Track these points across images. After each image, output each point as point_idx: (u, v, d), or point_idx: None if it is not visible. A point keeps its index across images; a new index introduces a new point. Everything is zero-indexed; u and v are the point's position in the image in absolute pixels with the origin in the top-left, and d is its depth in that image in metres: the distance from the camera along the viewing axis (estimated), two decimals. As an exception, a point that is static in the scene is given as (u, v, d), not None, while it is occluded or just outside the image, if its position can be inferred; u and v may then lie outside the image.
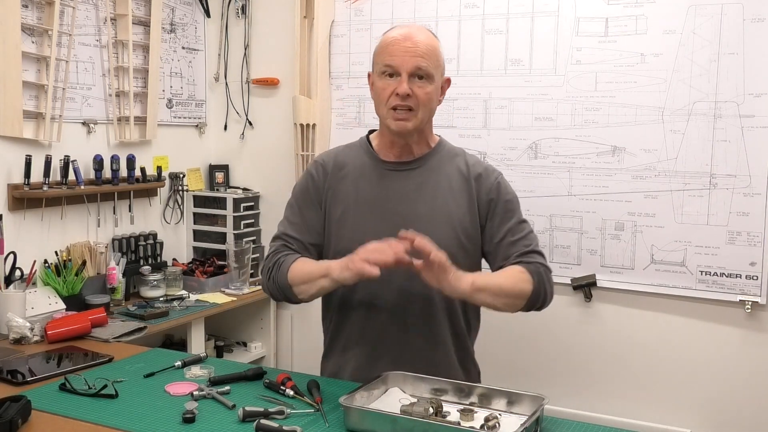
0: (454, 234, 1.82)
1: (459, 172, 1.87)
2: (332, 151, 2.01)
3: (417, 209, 1.83)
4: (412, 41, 1.77)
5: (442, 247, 1.76)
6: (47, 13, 2.72)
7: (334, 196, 1.89)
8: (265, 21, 3.47)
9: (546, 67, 2.85)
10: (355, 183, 1.88)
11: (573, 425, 1.62)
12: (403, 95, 1.75)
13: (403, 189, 1.85)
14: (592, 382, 2.90)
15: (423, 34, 1.81)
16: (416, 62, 1.76)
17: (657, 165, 2.70)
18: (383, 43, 1.81)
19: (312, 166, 1.96)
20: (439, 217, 1.82)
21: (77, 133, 2.90)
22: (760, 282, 2.59)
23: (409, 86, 1.75)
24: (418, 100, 1.77)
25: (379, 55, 1.81)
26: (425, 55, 1.77)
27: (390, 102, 1.78)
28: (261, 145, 3.53)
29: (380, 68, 1.79)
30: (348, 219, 1.86)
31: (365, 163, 1.90)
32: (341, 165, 1.91)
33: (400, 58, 1.76)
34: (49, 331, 2.23)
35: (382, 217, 1.83)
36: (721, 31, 2.57)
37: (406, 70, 1.75)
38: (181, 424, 1.58)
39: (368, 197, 1.86)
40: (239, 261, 3.21)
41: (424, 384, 1.69)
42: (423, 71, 1.77)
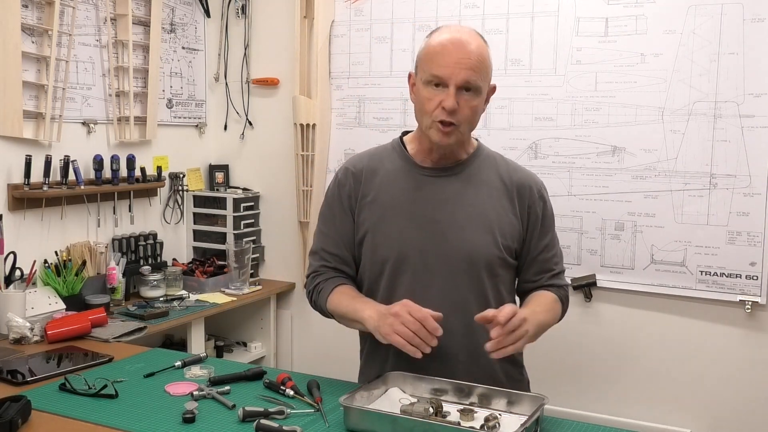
0: (493, 242, 1.75)
1: (499, 179, 1.81)
2: (363, 155, 1.90)
3: (456, 217, 1.76)
4: (463, 51, 1.66)
5: (483, 259, 1.75)
6: (47, 13, 2.72)
7: (368, 203, 1.81)
8: (265, 21, 3.47)
9: (546, 67, 2.85)
10: (391, 189, 1.80)
11: (573, 425, 1.62)
12: (450, 111, 1.66)
13: (441, 195, 1.77)
14: (592, 382, 2.90)
15: (474, 41, 1.70)
16: (466, 75, 1.66)
17: (657, 165, 2.70)
18: (432, 49, 1.70)
19: (341, 172, 1.88)
20: (480, 226, 1.75)
21: (77, 133, 2.90)
22: (760, 282, 2.59)
23: (457, 100, 1.66)
24: (463, 116, 1.69)
25: (427, 62, 1.69)
26: (476, 67, 1.67)
27: (435, 114, 1.68)
28: (261, 145, 3.53)
29: (427, 77, 1.69)
30: (384, 227, 1.78)
31: (400, 168, 1.81)
32: (374, 170, 1.83)
33: (450, 70, 1.65)
34: (49, 331, 2.23)
35: (420, 225, 1.76)
36: (721, 31, 2.57)
37: (455, 83, 1.66)
38: (181, 424, 1.58)
39: (405, 204, 1.78)
40: (239, 261, 3.21)
41: (424, 384, 1.69)
42: (472, 84, 1.68)
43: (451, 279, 1.75)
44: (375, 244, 1.79)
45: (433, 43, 1.71)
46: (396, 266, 1.77)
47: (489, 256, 1.74)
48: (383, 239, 1.78)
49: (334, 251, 1.85)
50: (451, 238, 1.75)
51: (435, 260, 1.75)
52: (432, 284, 1.74)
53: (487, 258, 1.74)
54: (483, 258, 1.74)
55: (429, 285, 1.74)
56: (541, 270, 1.83)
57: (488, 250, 1.75)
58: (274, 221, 3.51)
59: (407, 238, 1.75)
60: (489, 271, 1.76)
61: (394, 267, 1.77)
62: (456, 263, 1.74)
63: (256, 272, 3.44)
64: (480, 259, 1.74)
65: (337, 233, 1.85)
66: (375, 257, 1.80)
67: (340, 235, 1.84)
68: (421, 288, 1.73)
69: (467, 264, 1.74)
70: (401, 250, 1.75)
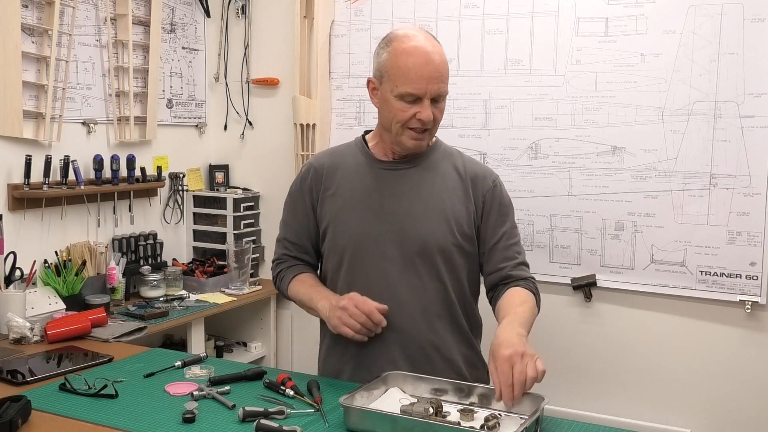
0: (450, 232, 1.83)
1: (455, 171, 1.89)
2: (326, 151, 2.05)
3: (412, 208, 1.84)
4: (433, 65, 1.74)
5: (438, 246, 1.82)
6: (47, 13, 2.72)
7: (331, 196, 1.91)
8: (265, 21, 3.47)
9: (546, 67, 2.85)
10: (350, 182, 1.90)
11: (573, 425, 1.62)
12: (428, 121, 1.76)
13: (398, 188, 1.86)
14: (592, 382, 2.90)
15: (437, 52, 1.77)
16: (439, 89, 1.76)
17: (657, 165, 2.70)
18: (401, 65, 1.75)
19: (304, 168, 2.00)
20: (435, 216, 1.83)
21: (77, 133, 2.90)
22: (760, 282, 2.59)
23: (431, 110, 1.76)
24: (435, 120, 1.80)
25: (397, 78, 1.75)
26: (445, 77, 1.77)
27: (410, 123, 1.77)
28: (261, 145, 3.53)
29: (399, 92, 1.75)
30: (343, 218, 1.88)
31: (360, 163, 1.91)
32: (335, 166, 1.93)
33: (424, 87, 1.74)
34: (49, 331, 2.23)
35: (377, 216, 1.85)
36: (721, 31, 2.57)
37: (429, 96, 1.75)
38: (181, 424, 1.58)
39: (363, 196, 1.87)
40: (239, 261, 3.21)
41: (424, 384, 1.70)
42: (444, 93, 1.78)
43: (408, 266, 1.83)
44: (335, 234, 1.89)
45: (400, 58, 1.76)
46: (354, 255, 1.86)
47: (443, 243, 1.83)
48: (342, 230, 1.88)
49: (294, 241, 1.99)
50: (407, 227, 1.83)
51: (392, 249, 1.83)
52: (390, 272, 1.83)
53: (441, 245, 1.82)
54: (437, 245, 1.82)
55: (387, 273, 1.83)
56: (504, 258, 1.87)
57: (443, 237, 1.82)
58: (274, 221, 3.47)
59: (365, 228, 1.85)
60: (444, 257, 1.84)
61: (353, 256, 1.86)
62: (412, 251, 1.82)
63: (256, 272, 3.44)
64: (434, 246, 1.82)
65: (298, 224, 1.98)
66: (335, 247, 1.89)
67: (301, 225, 1.97)
68: (380, 276, 1.83)
69: (422, 251, 1.82)
70: (359, 240, 1.85)
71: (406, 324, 1.83)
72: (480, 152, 2.96)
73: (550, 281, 2.90)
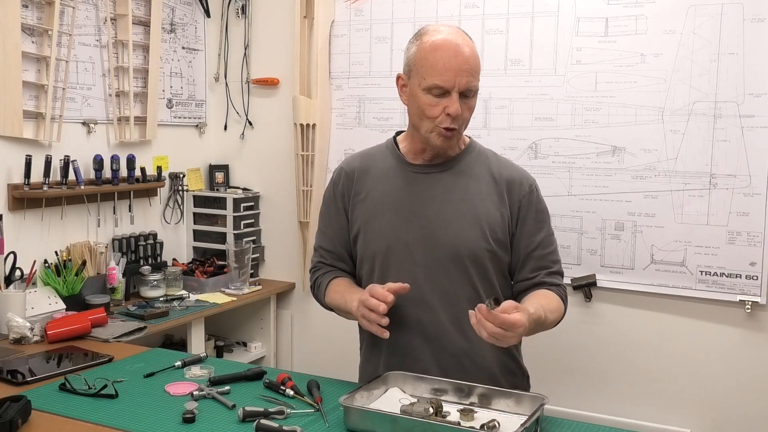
0: (482, 237, 1.77)
1: (490, 175, 1.83)
2: (357, 155, 1.97)
3: (444, 212, 1.79)
4: (462, 57, 1.68)
5: (470, 251, 1.77)
6: (47, 13, 2.72)
7: (362, 201, 1.86)
8: (265, 21, 3.47)
9: (546, 67, 2.85)
10: (381, 186, 1.85)
11: (573, 425, 1.62)
12: (455, 116, 1.69)
13: (430, 192, 1.81)
14: (592, 382, 2.90)
15: (467, 45, 1.71)
16: (468, 82, 1.69)
17: (657, 165, 2.70)
18: (429, 57, 1.70)
19: (336, 172, 1.95)
20: (467, 220, 1.78)
21: (77, 133, 2.90)
22: (760, 282, 2.59)
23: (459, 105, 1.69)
24: (464, 117, 1.73)
25: (425, 70, 1.70)
26: (475, 71, 1.71)
27: (439, 120, 1.71)
28: (261, 145, 3.53)
29: (427, 84, 1.69)
30: (375, 223, 1.83)
31: (391, 166, 1.86)
32: (367, 169, 1.88)
33: (452, 79, 1.67)
34: (49, 331, 2.23)
35: (408, 220, 1.80)
36: (721, 31, 2.57)
37: (458, 89, 1.68)
38: (181, 424, 1.58)
39: (395, 201, 1.82)
40: (239, 261, 3.21)
41: (424, 384, 1.69)
42: (474, 88, 1.72)
43: (439, 272, 1.78)
44: (366, 239, 1.85)
45: (428, 50, 1.71)
46: (385, 260, 1.82)
47: (476, 249, 1.77)
48: (373, 235, 1.84)
49: (330, 248, 1.94)
50: (438, 233, 1.78)
51: (422, 254, 1.79)
52: (420, 277, 1.78)
53: (473, 250, 1.77)
54: (469, 250, 1.77)
55: (417, 278, 1.78)
56: (538, 267, 1.83)
57: (475, 243, 1.77)
58: (274, 221, 3.51)
59: (395, 233, 1.80)
60: (476, 263, 1.78)
61: (384, 261, 1.82)
62: (443, 256, 1.78)
63: (256, 272, 3.44)
64: (466, 251, 1.77)
65: (332, 231, 1.93)
66: (366, 252, 1.86)
67: (335, 232, 1.92)
68: (410, 281, 1.75)
69: (454, 257, 1.78)
70: (389, 245, 1.81)
71: (438, 331, 1.78)
72: (480, 152, 2.96)
73: (550, 281, 2.90)
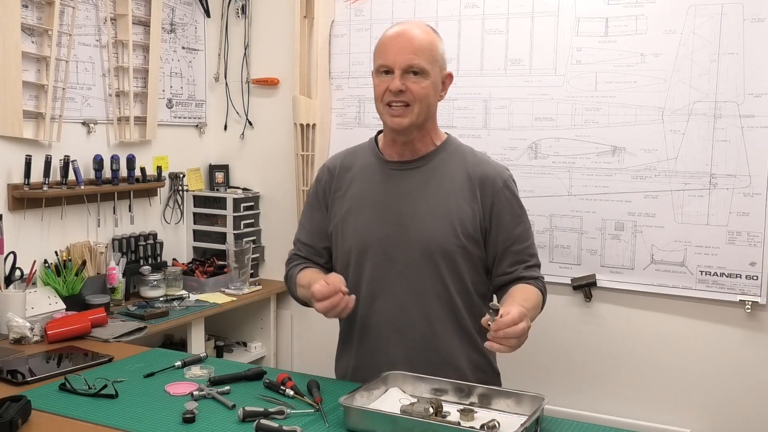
0: (453, 233, 1.81)
1: (464, 171, 1.86)
2: (341, 153, 2.04)
3: (417, 208, 1.83)
4: (405, 38, 1.78)
5: (440, 248, 1.81)
6: (47, 13, 2.72)
7: (341, 197, 1.92)
8: (265, 21, 3.47)
9: (546, 67, 2.85)
10: (360, 183, 1.90)
11: (573, 425, 1.62)
12: (395, 91, 1.76)
13: (404, 188, 1.86)
14: (592, 382, 2.90)
15: (419, 29, 1.81)
16: (408, 59, 1.76)
17: (657, 165, 2.70)
18: (379, 42, 1.83)
19: (320, 169, 2.02)
20: (438, 216, 1.82)
21: (77, 133, 2.90)
22: (760, 282, 2.59)
23: (404, 82, 1.76)
24: (413, 95, 1.77)
25: (375, 54, 1.83)
26: (418, 51, 1.77)
27: (385, 98, 1.80)
28: (261, 145, 3.53)
29: (376, 66, 1.82)
30: (351, 219, 1.89)
31: (371, 164, 1.92)
32: (348, 167, 1.94)
33: (393, 56, 1.77)
34: (49, 331, 2.23)
35: (383, 217, 1.85)
36: (721, 31, 2.57)
37: (399, 66, 1.76)
38: (181, 424, 1.58)
39: (371, 197, 1.88)
40: (239, 261, 3.21)
41: (424, 384, 1.70)
42: (417, 67, 1.77)
43: (411, 268, 1.83)
44: (343, 235, 1.91)
45: (382, 37, 1.83)
46: (360, 256, 1.87)
47: (447, 245, 1.81)
48: (349, 230, 1.89)
49: (307, 242, 2.00)
50: (411, 229, 1.83)
51: (395, 250, 1.83)
52: (393, 273, 1.84)
53: (444, 247, 1.81)
54: (440, 247, 1.81)
55: (390, 274, 1.84)
56: (516, 261, 1.87)
57: (446, 240, 1.81)
58: (274, 221, 3.51)
59: (370, 229, 1.85)
60: (448, 260, 1.82)
61: (358, 256, 1.87)
62: (415, 253, 1.82)
63: (256, 272, 3.44)
64: (437, 248, 1.81)
65: (311, 225, 1.99)
66: (342, 247, 1.91)
67: (314, 227, 1.99)
68: (383, 276, 1.84)
69: (425, 253, 1.82)
70: (364, 241, 1.86)
71: (406, 326, 1.83)
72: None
73: (550, 281, 2.85)
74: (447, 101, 3.01)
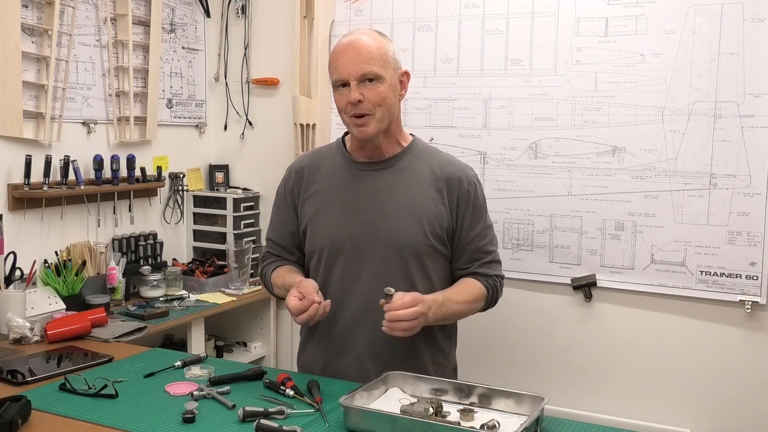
0: (422, 232, 1.86)
1: (430, 172, 1.91)
2: (308, 153, 2.11)
3: (386, 208, 1.88)
4: (353, 48, 1.82)
5: (410, 246, 1.87)
6: (47, 13, 2.72)
7: (309, 197, 1.96)
8: (265, 21, 3.47)
9: (546, 67, 2.85)
10: (329, 184, 1.95)
11: (573, 425, 1.62)
12: (354, 102, 1.81)
13: (373, 188, 1.90)
14: (592, 382, 2.90)
15: (366, 36, 1.85)
16: (360, 68, 1.80)
17: (657, 165, 2.70)
18: (331, 58, 1.87)
19: (288, 170, 2.06)
20: (408, 217, 1.87)
21: (77, 133, 2.90)
22: (760, 282, 2.59)
23: (360, 92, 1.80)
24: (371, 102, 1.82)
25: (330, 70, 1.87)
26: (368, 58, 1.81)
27: (348, 111, 1.84)
28: (261, 145, 3.53)
29: (332, 82, 1.86)
30: (320, 218, 1.93)
31: (338, 164, 1.96)
32: (316, 167, 1.99)
33: (345, 68, 1.81)
34: (49, 331, 2.23)
35: (352, 216, 1.89)
36: (721, 31, 2.57)
37: (353, 77, 1.80)
38: (181, 424, 1.58)
39: (340, 197, 1.92)
40: (239, 261, 3.21)
41: (424, 384, 1.70)
42: (370, 74, 1.81)
43: (381, 266, 1.87)
44: (313, 233, 1.95)
45: (332, 53, 1.87)
46: (330, 254, 1.91)
47: (416, 244, 1.86)
48: (319, 229, 1.94)
49: (278, 241, 2.05)
50: (381, 228, 1.87)
51: (365, 249, 1.87)
52: (363, 271, 1.88)
53: (413, 246, 1.86)
54: (410, 246, 1.86)
55: (360, 272, 1.88)
56: (472, 259, 1.94)
57: (415, 239, 1.86)
58: (274, 221, 3.51)
59: (340, 228, 1.90)
60: (416, 259, 1.87)
61: (329, 255, 1.92)
62: (385, 251, 1.87)
63: (256, 272, 3.44)
64: (407, 247, 1.86)
65: (281, 225, 2.05)
66: (313, 245, 1.95)
67: (283, 226, 2.04)
68: (353, 275, 1.88)
69: (395, 252, 1.86)
70: (334, 239, 1.90)
71: (373, 323, 1.82)
72: (480, 152, 2.97)
73: (550, 281, 2.91)
74: (447, 101, 3.03)
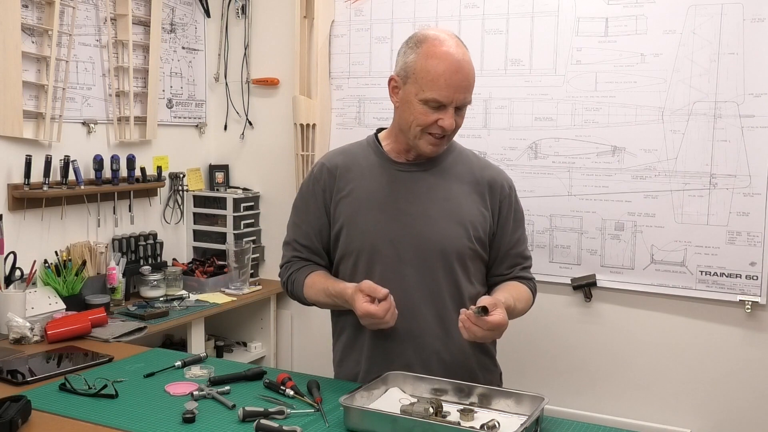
0: (465, 235, 1.82)
1: (471, 175, 1.87)
2: (337, 150, 1.98)
3: (428, 210, 1.82)
4: (462, 74, 1.72)
5: (455, 250, 1.81)
6: (47, 13, 2.72)
7: (343, 197, 1.87)
8: (265, 21, 3.47)
9: (546, 67, 2.85)
10: (365, 183, 1.86)
11: (573, 425, 1.62)
12: (449, 129, 1.74)
13: (414, 190, 1.84)
14: (592, 382, 2.90)
15: (467, 60, 1.74)
16: (465, 99, 1.74)
17: (657, 165, 2.70)
18: (431, 70, 1.71)
19: (317, 168, 1.94)
20: (452, 220, 1.82)
21: (77, 133, 2.90)
22: (760, 282, 2.59)
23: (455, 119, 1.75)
24: (456, 127, 1.77)
25: (425, 83, 1.71)
26: (471, 87, 1.75)
27: (431, 129, 1.75)
28: (261, 145, 3.53)
29: (425, 97, 1.72)
30: (359, 220, 1.84)
31: (374, 163, 1.88)
32: (348, 167, 1.89)
33: (451, 96, 1.71)
34: (49, 331, 2.23)
35: (393, 218, 1.82)
36: (721, 31, 2.57)
37: (456, 104, 1.73)
38: (181, 424, 1.58)
39: (379, 198, 1.84)
40: (239, 261, 3.21)
41: (424, 384, 1.69)
42: (467, 103, 1.77)
43: (424, 269, 1.81)
44: (350, 236, 1.85)
45: (431, 63, 1.72)
46: (370, 257, 1.83)
47: (461, 248, 1.82)
48: (357, 232, 1.84)
49: (305, 243, 1.92)
50: (424, 230, 1.81)
51: (408, 251, 1.81)
52: (405, 274, 1.81)
53: (459, 249, 1.81)
54: (455, 249, 1.81)
55: (402, 275, 1.80)
56: (513, 264, 1.92)
57: (460, 242, 1.81)
58: (274, 221, 3.51)
59: (380, 230, 1.82)
60: (461, 262, 1.83)
61: (368, 258, 1.83)
62: (429, 254, 1.81)
63: (256, 272, 3.44)
64: (452, 250, 1.81)
65: (309, 226, 1.92)
66: (350, 249, 1.85)
67: (313, 227, 1.91)
68: (395, 278, 1.79)
69: (440, 255, 1.81)
70: (374, 242, 1.82)
71: (421, 329, 1.81)
72: (480, 152, 2.94)
73: (550, 281, 2.90)
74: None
